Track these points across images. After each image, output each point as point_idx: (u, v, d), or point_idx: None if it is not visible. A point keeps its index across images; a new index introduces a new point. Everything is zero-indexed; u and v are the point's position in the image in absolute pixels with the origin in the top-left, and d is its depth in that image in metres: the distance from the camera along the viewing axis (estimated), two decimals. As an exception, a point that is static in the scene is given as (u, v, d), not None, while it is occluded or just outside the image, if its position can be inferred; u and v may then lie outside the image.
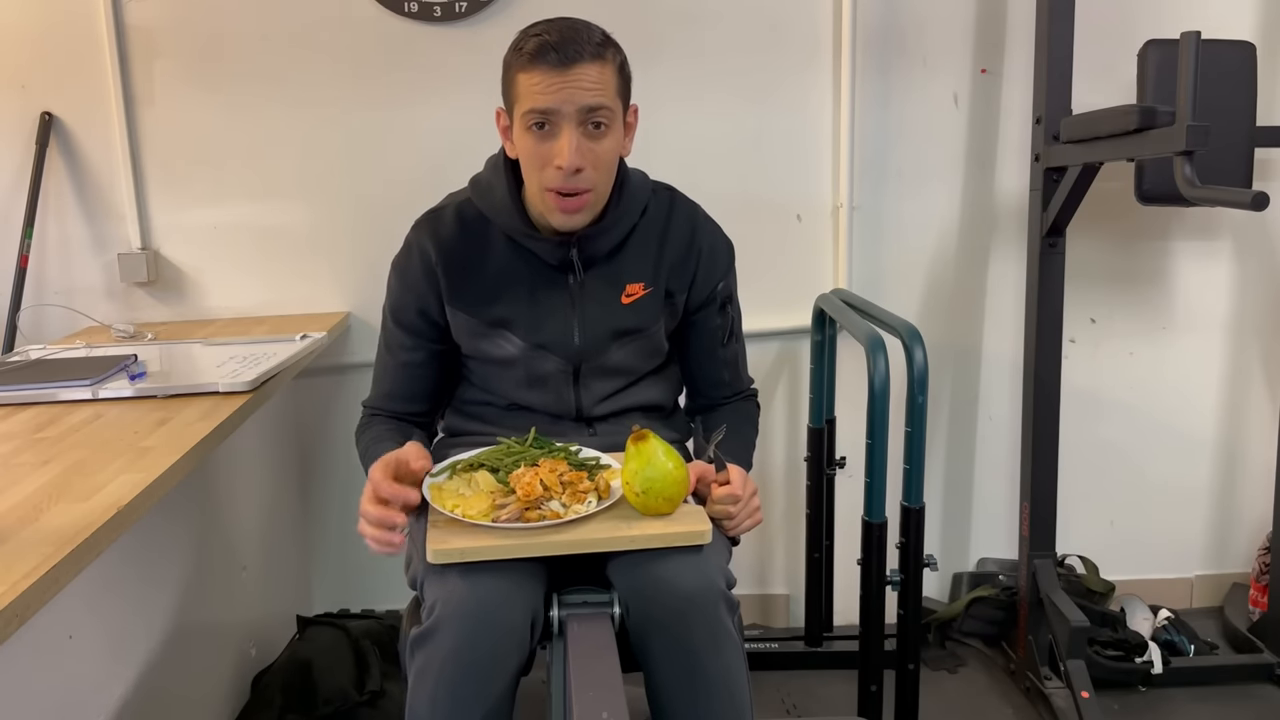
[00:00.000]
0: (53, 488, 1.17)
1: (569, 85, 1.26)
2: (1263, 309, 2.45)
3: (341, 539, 2.43)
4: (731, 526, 1.34)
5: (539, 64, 1.27)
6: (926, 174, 2.35)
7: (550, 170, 1.31)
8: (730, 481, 1.32)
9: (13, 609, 0.88)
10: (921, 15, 2.29)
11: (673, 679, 1.23)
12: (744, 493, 1.32)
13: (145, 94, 2.22)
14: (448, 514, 1.22)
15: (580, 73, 1.27)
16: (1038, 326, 2.12)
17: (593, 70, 1.27)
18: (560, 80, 1.26)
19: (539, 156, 1.31)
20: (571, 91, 1.27)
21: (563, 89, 1.27)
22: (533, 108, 1.28)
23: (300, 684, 1.96)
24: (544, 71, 1.26)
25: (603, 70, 1.29)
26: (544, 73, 1.26)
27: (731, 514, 1.32)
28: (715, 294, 1.50)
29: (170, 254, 2.29)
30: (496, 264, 1.43)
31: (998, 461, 2.48)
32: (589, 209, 1.36)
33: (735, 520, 1.33)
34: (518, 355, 1.44)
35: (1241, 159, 2.10)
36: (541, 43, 1.27)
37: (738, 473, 1.33)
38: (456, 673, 1.16)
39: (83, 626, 1.38)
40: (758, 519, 1.35)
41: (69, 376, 1.65)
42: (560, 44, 1.26)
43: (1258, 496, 2.50)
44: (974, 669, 2.30)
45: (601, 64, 1.29)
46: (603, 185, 1.36)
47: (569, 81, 1.26)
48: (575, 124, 1.29)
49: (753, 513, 1.34)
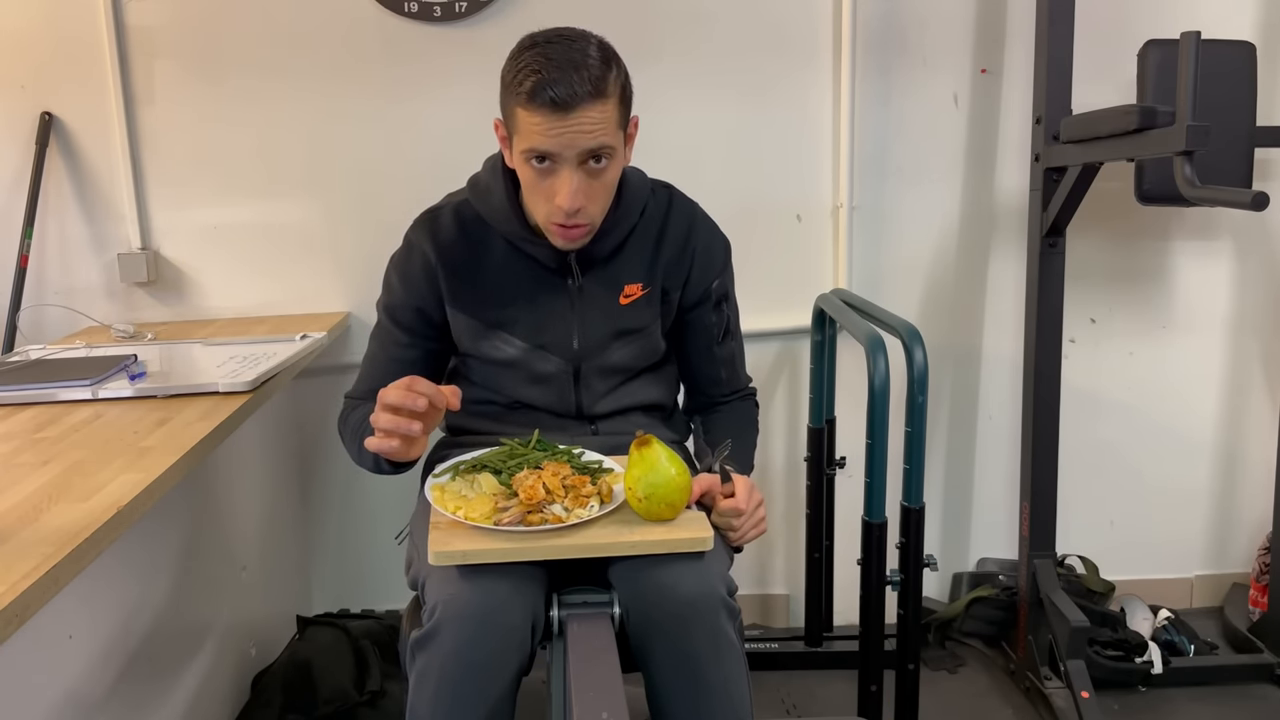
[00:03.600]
0: (53, 488, 1.17)
1: (569, 130, 1.22)
2: (1263, 309, 2.45)
3: (341, 539, 2.43)
4: (736, 538, 1.34)
5: (538, 105, 1.22)
6: (926, 174, 2.35)
7: (552, 206, 1.29)
8: (735, 494, 1.31)
9: (13, 609, 0.87)
10: (921, 15, 2.29)
11: (673, 685, 1.23)
12: (748, 505, 1.32)
13: (145, 94, 2.22)
14: (450, 516, 1.22)
15: (580, 116, 1.22)
16: (1038, 326, 2.12)
17: (593, 112, 1.23)
18: (561, 125, 1.22)
19: (540, 191, 1.30)
20: (572, 136, 1.23)
21: (564, 134, 1.22)
22: (532, 148, 1.25)
23: (300, 684, 1.96)
24: (544, 114, 1.22)
25: (603, 109, 1.24)
26: (544, 115, 1.22)
27: (735, 526, 1.32)
28: (710, 292, 1.50)
29: (170, 254, 2.29)
30: (495, 266, 1.43)
31: (998, 461, 2.48)
32: (590, 233, 1.36)
33: (740, 532, 1.33)
34: (518, 356, 1.44)
35: (1241, 159, 2.10)
36: (538, 83, 1.21)
37: (743, 485, 1.32)
38: (457, 673, 1.16)
39: (83, 626, 1.38)
40: (762, 529, 1.35)
41: (69, 376, 1.65)
42: (557, 83, 1.20)
43: (1258, 497, 2.50)
44: (974, 669, 2.30)
45: (602, 103, 1.23)
46: (602, 213, 1.35)
47: (569, 126, 1.22)
48: (576, 164, 1.26)
49: (757, 524, 1.34)
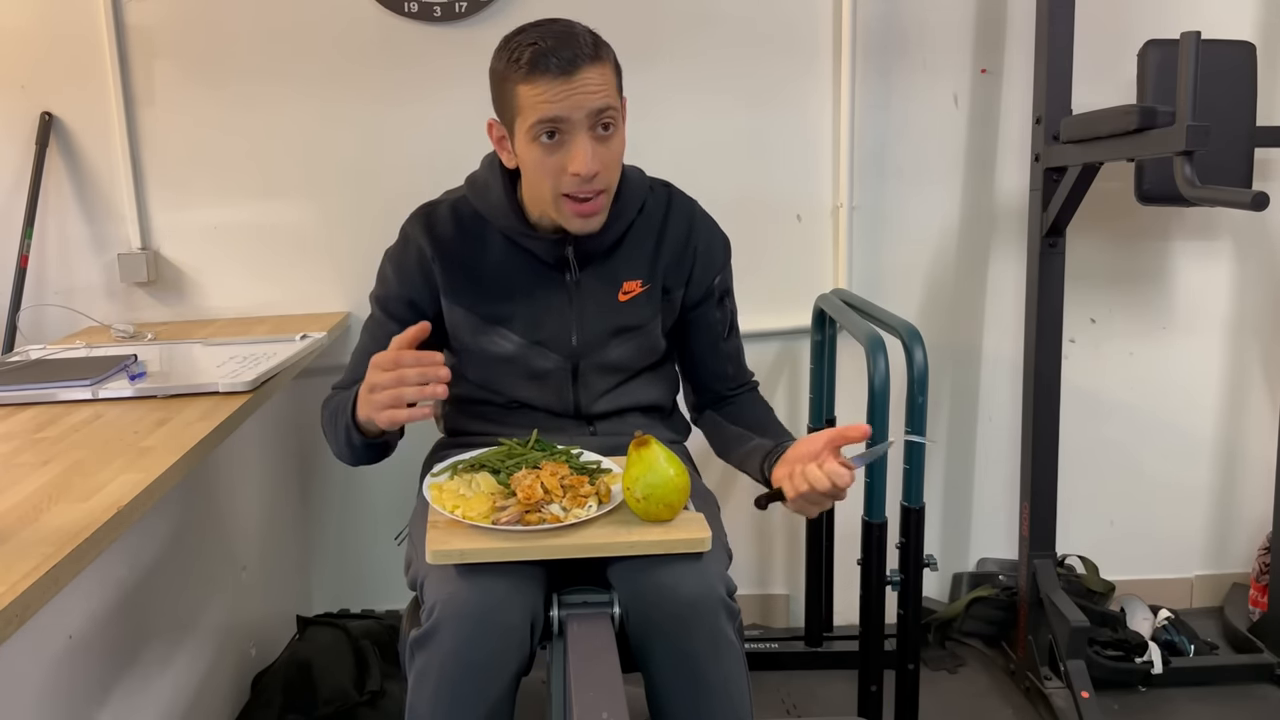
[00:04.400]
0: (53, 488, 1.17)
1: (576, 91, 1.25)
2: (1263, 309, 2.45)
3: (341, 539, 2.43)
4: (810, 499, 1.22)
5: (541, 73, 1.24)
6: (926, 174, 2.35)
7: (565, 178, 1.30)
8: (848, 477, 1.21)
9: (13, 609, 0.87)
10: (922, 15, 2.29)
11: (673, 685, 1.23)
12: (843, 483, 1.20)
13: (145, 94, 2.22)
14: (448, 515, 1.22)
15: (584, 77, 1.25)
16: (1038, 326, 2.12)
17: (595, 73, 1.26)
18: (566, 87, 1.25)
19: (550, 166, 1.30)
20: (580, 97, 1.25)
21: (570, 95, 1.25)
22: (541, 118, 1.26)
23: (300, 684, 1.96)
24: (548, 80, 1.24)
25: (603, 71, 1.28)
26: (548, 82, 1.24)
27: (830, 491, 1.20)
28: (713, 289, 1.50)
29: (170, 254, 2.29)
30: (493, 261, 1.43)
31: (998, 461, 2.48)
32: (604, 209, 1.36)
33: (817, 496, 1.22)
34: (516, 352, 1.44)
35: (1241, 159, 2.10)
36: (538, 51, 1.24)
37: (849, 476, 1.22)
38: (457, 673, 1.16)
39: (83, 626, 1.38)
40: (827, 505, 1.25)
41: (69, 376, 1.65)
42: (558, 49, 1.24)
43: (1258, 496, 2.50)
44: (974, 669, 2.30)
45: (601, 64, 1.28)
46: (613, 186, 1.36)
47: (575, 88, 1.25)
48: (586, 129, 1.28)
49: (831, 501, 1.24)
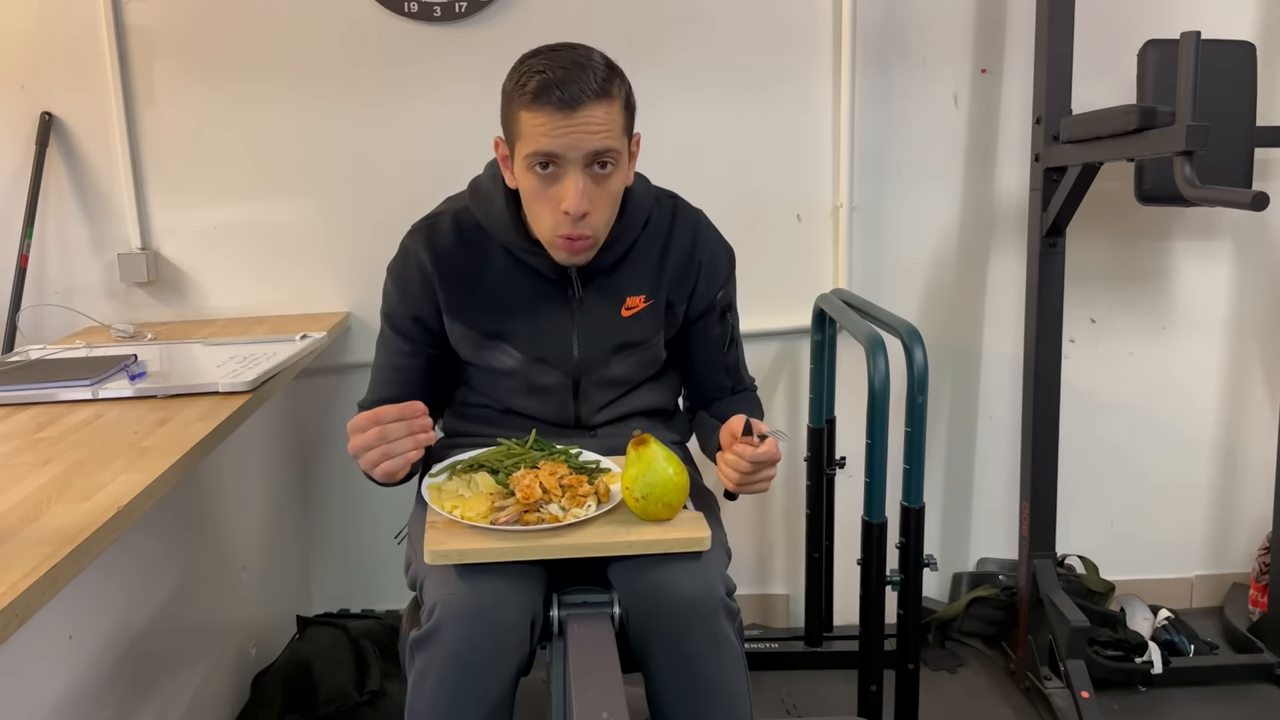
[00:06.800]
0: (53, 488, 1.17)
1: (575, 129, 1.21)
2: (1263, 309, 2.45)
3: (341, 539, 2.43)
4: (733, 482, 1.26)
5: (543, 104, 1.21)
6: (926, 174, 2.35)
7: (558, 214, 1.27)
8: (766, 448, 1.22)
9: (13, 609, 0.88)
10: (921, 15, 2.29)
11: (673, 685, 1.23)
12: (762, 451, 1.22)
13: (145, 94, 2.23)
14: (446, 515, 1.22)
15: (586, 115, 1.21)
16: (1038, 326, 2.12)
17: (599, 111, 1.22)
18: (566, 124, 1.21)
19: (543, 198, 1.28)
20: (578, 136, 1.22)
21: (569, 133, 1.22)
22: (537, 150, 1.23)
23: (300, 684, 1.96)
24: (549, 113, 1.21)
25: (609, 110, 1.24)
26: (549, 114, 1.21)
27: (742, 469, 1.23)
28: (715, 303, 1.49)
29: (170, 254, 2.29)
30: (494, 276, 1.41)
31: (998, 461, 2.48)
32: (593, 249, 1.33)
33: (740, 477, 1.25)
34: (516, 367, 1.43)
35: (1241, 159, 2.09)
36: (544, 81, 1.21)
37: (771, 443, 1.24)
38: (456, 673, 1.16)
39: (83, 626, 1.38)
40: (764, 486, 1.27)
41: (69, 376, 1.65)
42: (564, 82, 1.20)
43: (1258, 496, 2.50)
44: (974, 669, 2.30)
45: (608, 103, 1.24)
46: (607, 225, 1.33)
47: (575, 125, 1.21)
48: (581, 167, 1.24)
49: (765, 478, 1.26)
